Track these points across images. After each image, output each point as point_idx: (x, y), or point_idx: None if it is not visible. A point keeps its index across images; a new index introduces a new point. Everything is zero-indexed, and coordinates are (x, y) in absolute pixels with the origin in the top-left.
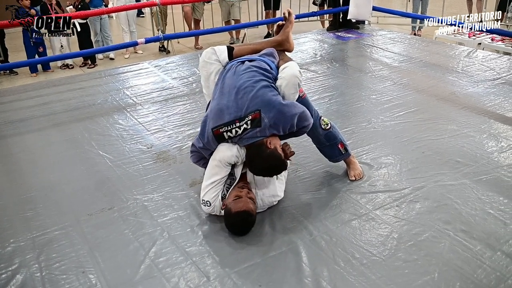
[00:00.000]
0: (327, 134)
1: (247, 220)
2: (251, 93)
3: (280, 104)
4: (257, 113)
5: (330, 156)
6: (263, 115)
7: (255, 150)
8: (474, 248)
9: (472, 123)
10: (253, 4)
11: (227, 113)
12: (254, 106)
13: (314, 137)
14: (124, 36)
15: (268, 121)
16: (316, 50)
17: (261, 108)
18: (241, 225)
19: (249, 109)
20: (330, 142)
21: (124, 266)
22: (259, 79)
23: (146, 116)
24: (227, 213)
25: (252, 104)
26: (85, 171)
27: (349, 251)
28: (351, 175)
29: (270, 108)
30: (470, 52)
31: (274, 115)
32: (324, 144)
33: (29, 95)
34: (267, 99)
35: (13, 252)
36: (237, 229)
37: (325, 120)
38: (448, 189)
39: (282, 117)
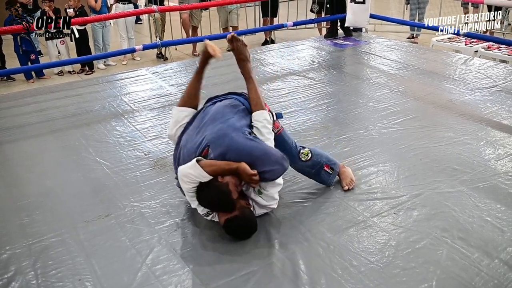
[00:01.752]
0: (310, 164)
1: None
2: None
3: (231, 142)
4: (206, 150)
5: (322, 182)
6: (210, 151)
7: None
8: (472, 256)
9: (469, 131)
10: (250, 11)
11: (188, 153)
12: (206, 140)
13: (298, 170)
14: (122, 43)
15: (213, 157)
16: (314, 57)
17: (211, 143)
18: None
19: (201, 146)
20: (314, 169)
21: (121, 273)
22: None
23: (143, 122)
24: (223, 223)
25: (206, 141)
26: (82, 178)
27: (347, 258)
28: (343, 185)
29: (220, 144)
30: (466, 59)
31: (221, 151)
32: (309, 172)
33: (26, 102)
34: (220, 132)
35: (8, 259)
36: (235, 235)
37: (304, 152)
38: (445, 197)
39: (233, 152)
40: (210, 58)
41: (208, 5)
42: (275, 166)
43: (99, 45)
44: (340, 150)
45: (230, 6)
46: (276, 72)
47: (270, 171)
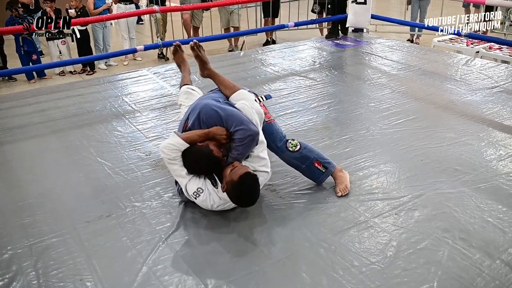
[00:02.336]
0: (298, 156)
1: (254, 180)
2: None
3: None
4: (186, 123)
5: (313, 178)
6: (189, 121)
7: (187, 149)
8: (473, 257)
9: (471, 131)
10: (252, 12)
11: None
12: (184, 118)
13: (287, 161)
14: (124, 43)
15: (191, 124)
16: (315, 57)
17: (189, 115)
18: (250, 187)
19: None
20: (305, 164)
21: (122, 273)
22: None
23: (144, 123)
24: (232, 185)
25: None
26: (83, 178)
27: (348, 259)
28: (337, 191)
29: (195, 111)
30: (468, 60)
31: (195, 116)
32: (300, 167)
33: (28, 102)
34: (197, 104)
35: (10, 259)
36: (248, 194)
37: (293, 142)
38: (446, 197)
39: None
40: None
41: (209, 6)
42: (242, 125)
43: (99, 45)
44: (341, 150)
45: (231, 7)
46: (277, 73)
47: (239, 130)
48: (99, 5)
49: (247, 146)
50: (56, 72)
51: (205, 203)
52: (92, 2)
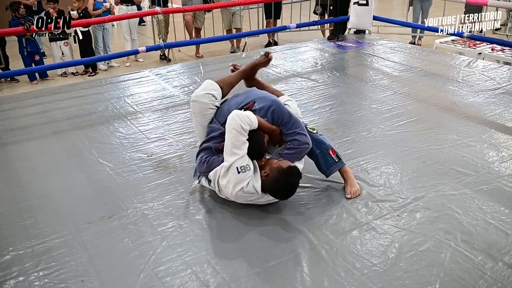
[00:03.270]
0: (316, 138)
1: (299, 175)
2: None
3: (275, 100)
4: (251, 103)
5: (325, 165)
6: (256, 104)
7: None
8: (476, 259)
9: (473, 133)
10: (254, 13)
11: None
12: (251, 98)
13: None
14: (126, 45)
15: (259, 108)
16: (317, 59)
17: (256, 100)
18: (294, 180)
19: (246, 100)
20: (320, 149)
21: (124, 275)
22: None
23: (146, 124)
24: (278, 172)
25: (251, 99)
26: (85, 179)
27: (350, 261)
28: (347, 192)
29: (265, 100)
30: (470, 62)
31: (265, 104)
32: (314, 152)
33: (30, 103)
34: (265, 95)
35: (12, 260)
36: (290, 185)
37: (311, 126)
38: (449, 199)
39: (272, 107)
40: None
41: (211, 7)
42: (303, 132)
43: (98, 47)
44: (343, 152)
45: (233, 8)
46: (279, 74)
47: (300, 134)
48: (98, 6)
49: (299, 152)
50: (58, 73)
51: (240, 180)
52: (92, 4)
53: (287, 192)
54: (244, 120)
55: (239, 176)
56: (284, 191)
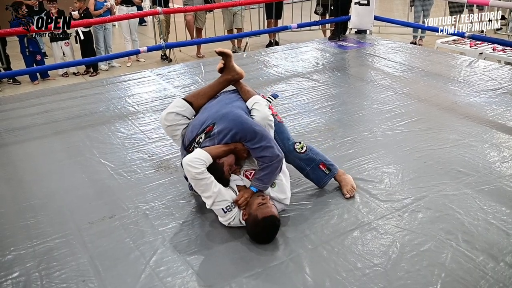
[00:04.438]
0: (305, 158)
1: (275, 225)
2: (214, 107)
3: (236, 119)
4: (211, 126)
5: (317, 180)
6: (215, 127)
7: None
8: (477, 259)
9: (474, 133)
10: (255, 13)
11: (191, 132)
12: (211, 119)
13: (292, 162)
14: (126, 45)
15: (217, 131)
16: (318, 59)
17: (217, 121)
18: (269, 230)
19: (207, 122)
20: (310, 166)
21: (125, 275)
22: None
23: (147, 124)
24: (254, 220)
25: (211, 120)
26: (86, 179)
27: (351, 261)
28: (344, 192)
29: (225, 120)
30: (471, 62)
31: (225, 126)
32: (305, 169)
33: (31, 103)
34: (226, 113)
35: (13, 260)
36: (265, 235)
37: (300, 144)
38: (450, 199)
39: (233, 130)
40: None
41: (212, 7)
42: (270, 143)
43: (99, 47)
44: (344, 152)
45: (234, 8)
46: (280, 74)
47: (266, 147)
48: (99, 6)
49: (274, 168)
50: (59, 73)
51: (227, 218)
52: (93, 4)
53: (261, 240)
54: (196, 165)
55: (226, 215)
56: (258, 239)
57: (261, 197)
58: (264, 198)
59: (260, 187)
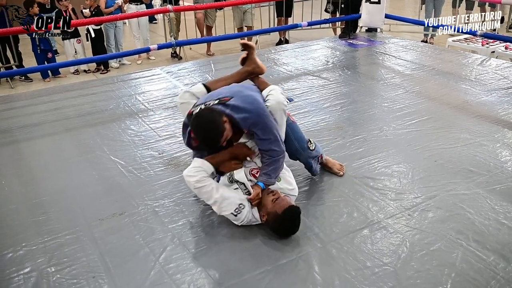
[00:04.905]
0: (314, 155)
1: (297, 213)
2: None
3: (257, 109)
4: (228, 98)
5: (315, 170)
6: (232, 100)
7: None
8: (488, 259)
9: (485, 132)
10: (265, 11)
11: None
12: (228, 94)
13: (305, 160)
14: (136, 43)
15: (232, 105)
16: (328, 57)
17: (236, 97)
18: (293, 221)
19: (225, 95)
20: (314, 159)
21: (134, 272)
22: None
23: (157, 122)
24: (275, 217)
25: (229, 93)
26: (97, 176)
27: (360, 260)
28: (336, 172)
29: (245, 102)
30: (483, 60)
31: (243, 106)
32: (312, 166)
33: (42, 100)
34: (246, 94)
35: (24, 256)
36: (290, 227)
37: (311, 142)
38: (460, 199)
39: (250, 110)
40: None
41: (223, 5)
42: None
43: (110, 45)
44: (354, 150)
45: (245, 6)
46: (290, 72)
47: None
48: (110, 4)
49: (278, 163)
50: (70, 70)
51: (238, 218)
52: (104, 1)
53: (290, 233)
54: (193, 173)
55: (237, 218)
56: (286, 233)
57: (271, 194)
58: (274, 193)
59: (268, 182)
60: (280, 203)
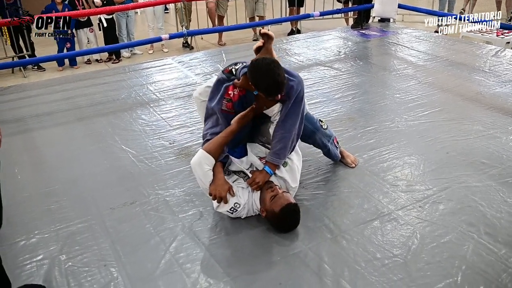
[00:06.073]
0: (328, 134)
1: (294, 211)
2: None
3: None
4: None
5: (334, 155)
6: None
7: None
8: (499, 252)
9: (499, 124)
10: (277, 1)
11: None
12: None
13: (319, 140)
14: (150, 33)
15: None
16: (340, 47)
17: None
18: (291, 218)
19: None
20: (330, 141)
21: (145, 260)
22: None
23: (169, 111)
24: (272, 215)
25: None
26: (108, 166)
27: (370, 251)
28: (349, 162)
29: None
30: (498, 51)
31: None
32: (327, 145)
33: (55, 89)
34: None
35: (37, 243)
36: (289, 223)
37: (322, 122)
38: (472, 191)
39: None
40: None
41: None
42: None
43: (122, 34)
44: (366, 142)
45: None
46: (301, 63)
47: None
48: None
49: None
50: (84, 60)
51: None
52: None
53: (288, 230)
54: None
55: (234, 215)
56: (285, 230)
57: (270, 190)
58: (273, 189)
59: (275, 161)
60: (277, 201)
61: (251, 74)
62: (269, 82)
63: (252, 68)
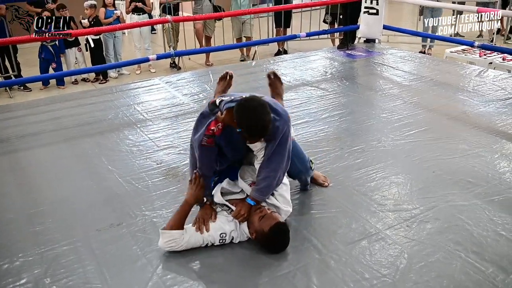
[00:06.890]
0: (312, 172)
1: (283, 230)
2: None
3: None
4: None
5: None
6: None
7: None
8: (487, 271)
9: (484, 143)
10: (264, 22)
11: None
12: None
13: (304, 180)
14: (136, 53)
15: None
16: (326, 68)
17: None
18: (280, 238)
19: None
20: (310, 179)
21: (132, 282)
22: None
23: (156, 132)
24: (262, 235)
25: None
26: (95, 186)
27: (359, 271)
28: (321, 183)
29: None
30: (481, 71)
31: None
32: (307, 184)
33: (41, 110)
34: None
35: (21, 266)
36: (278, 245)
37: (312, 161)
38: (459, 210)
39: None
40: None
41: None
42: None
43: (109, 55)
44: (353, 161)
45: (244, 17)
46: (289, 83)
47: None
48: (109, 14)
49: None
50: (71, 80)
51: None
52: (104, 12)
53: (278, 251)
54: (170, 245)
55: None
56: (275, 250)
57: (258, 211)
58: (262, 210)
59: (259, 198)
60: (266, 221)
61: (237, 113)
62: (252, 124)
63: (238, 107)
